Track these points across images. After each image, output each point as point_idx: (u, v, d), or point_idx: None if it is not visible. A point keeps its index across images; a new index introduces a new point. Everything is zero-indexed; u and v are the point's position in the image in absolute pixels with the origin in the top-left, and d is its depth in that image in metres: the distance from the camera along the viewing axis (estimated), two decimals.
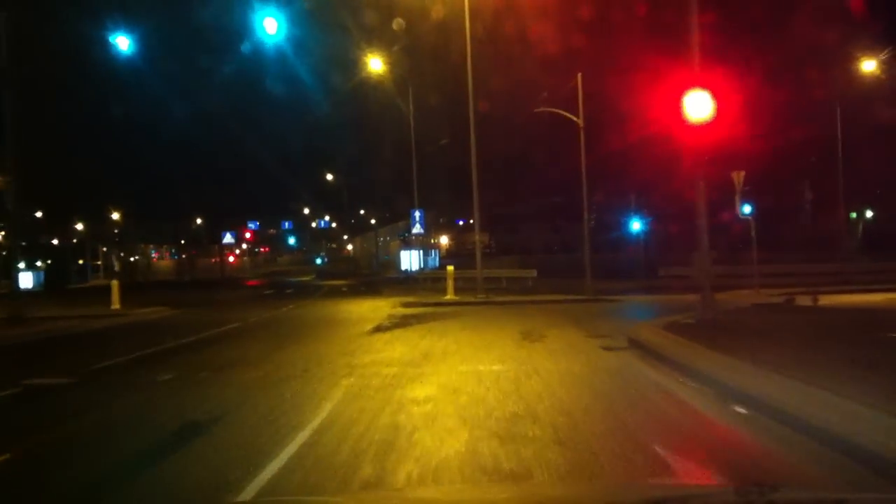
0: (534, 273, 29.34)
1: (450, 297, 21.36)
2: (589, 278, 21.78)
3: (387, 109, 31.74)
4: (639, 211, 30.61)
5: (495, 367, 8.81)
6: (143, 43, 18.59)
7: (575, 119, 21.99)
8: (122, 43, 17.44)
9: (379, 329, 14.02)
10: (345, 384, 7.90)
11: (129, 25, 17.77)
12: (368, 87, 28.51)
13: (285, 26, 17.12)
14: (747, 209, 22.23)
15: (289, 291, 33.21)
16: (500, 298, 21.18)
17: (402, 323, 15.12)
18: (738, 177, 22.25)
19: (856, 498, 2.88)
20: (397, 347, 11.17)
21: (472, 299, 20.84)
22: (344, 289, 34.18)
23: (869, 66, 26.13)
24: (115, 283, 21.79)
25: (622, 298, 20.99)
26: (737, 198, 22.40)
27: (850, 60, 26.48)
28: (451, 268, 22.56)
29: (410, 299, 22.64)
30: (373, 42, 24.79)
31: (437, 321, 15.17)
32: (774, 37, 29.03)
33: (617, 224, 32.95)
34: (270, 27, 16.58)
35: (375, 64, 25.17)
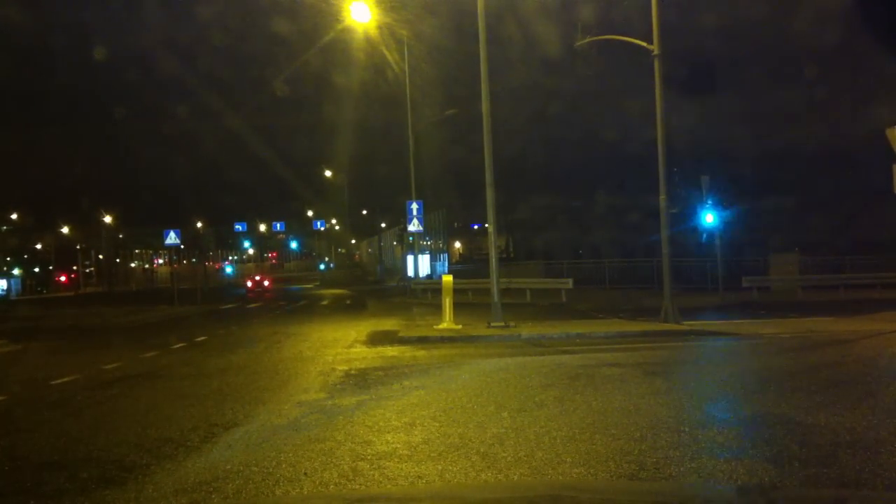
0: (569, 283, 23.09)
1: (446, 325, 13.06)
2: (668, 297, 13.62)
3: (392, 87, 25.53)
4: (713, 199, 22.26)
5: None
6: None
7: (644, 44, 13.93)
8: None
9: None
10: None
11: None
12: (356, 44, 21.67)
13: None
14: None
15: (250, 307, 26.10)
16: (529, 330, 12.79)
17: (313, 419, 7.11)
18: None
19: (856, 497, 2.73)
20: None
21: (482, 332, 12.64)
22: (325, 302, 28.70)
23: None
24: None
25: (730, 330, 12.79)
26: None
27: None
28: (447, 278, 13.88)
29: (389, 326, 14.84)
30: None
31: (402, 399, 7.04)
32: None
33: (676, 217, 24.55)
34: None
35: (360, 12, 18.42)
